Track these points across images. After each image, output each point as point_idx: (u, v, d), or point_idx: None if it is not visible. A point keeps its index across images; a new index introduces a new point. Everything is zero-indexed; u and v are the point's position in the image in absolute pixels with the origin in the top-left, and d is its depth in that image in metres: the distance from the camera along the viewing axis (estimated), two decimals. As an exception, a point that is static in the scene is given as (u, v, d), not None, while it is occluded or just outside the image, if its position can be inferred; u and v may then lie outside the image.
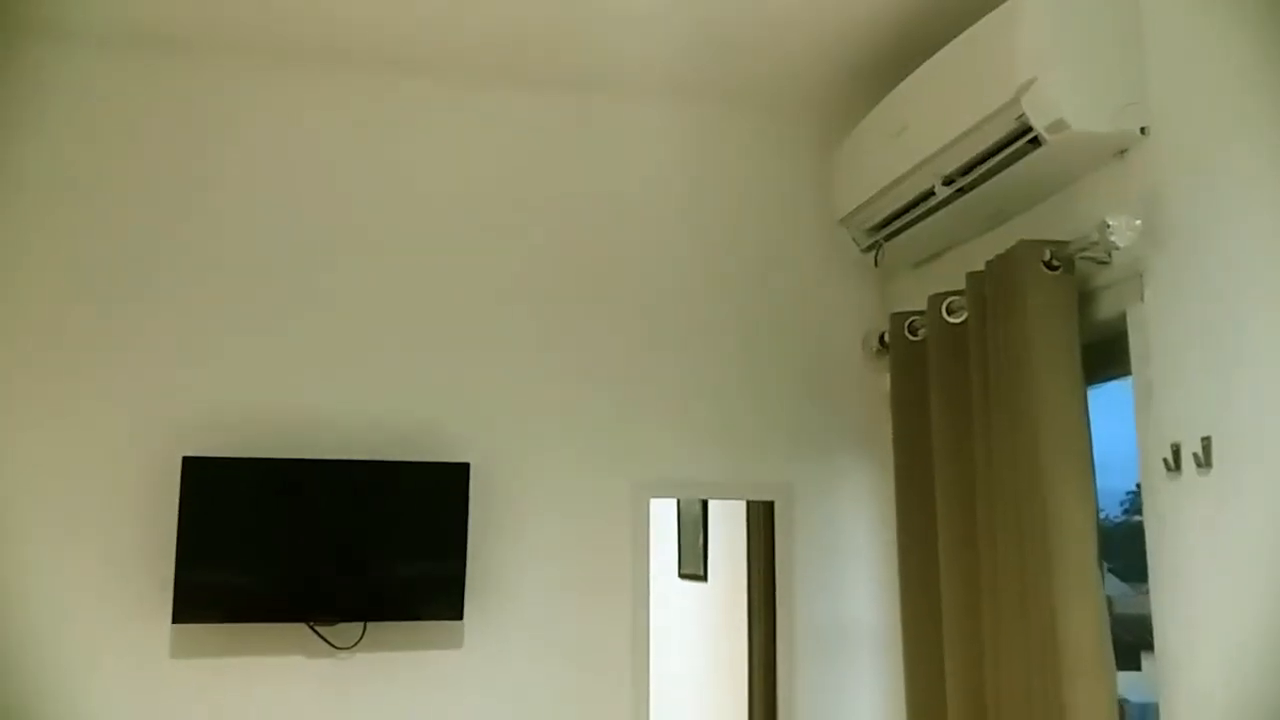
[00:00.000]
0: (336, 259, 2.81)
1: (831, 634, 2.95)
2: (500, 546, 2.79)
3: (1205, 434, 1.92)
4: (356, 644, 2.65)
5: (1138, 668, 2.48)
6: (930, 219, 2.57)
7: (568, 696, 2.77)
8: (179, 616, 2.50)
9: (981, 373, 2.37)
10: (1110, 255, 2.14)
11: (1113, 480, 2.24)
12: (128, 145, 2.72)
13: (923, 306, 2.64)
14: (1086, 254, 2.14)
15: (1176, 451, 1.99)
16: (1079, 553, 2.07)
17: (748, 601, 3.10)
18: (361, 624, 2.64)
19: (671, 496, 2.97)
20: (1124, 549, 2.34)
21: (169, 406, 2.65)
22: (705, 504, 3.40)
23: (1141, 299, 2.09)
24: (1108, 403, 2.26)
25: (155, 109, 2.75)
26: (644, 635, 2.83)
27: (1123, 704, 2.12)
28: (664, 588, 2.95)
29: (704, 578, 3.47)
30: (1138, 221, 2.01)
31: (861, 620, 2.96)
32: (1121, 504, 2.70)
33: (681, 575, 3.51)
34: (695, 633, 3.43)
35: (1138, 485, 2.39)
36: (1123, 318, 2.15)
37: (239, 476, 2.57)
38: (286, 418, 2.71)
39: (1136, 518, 2.39)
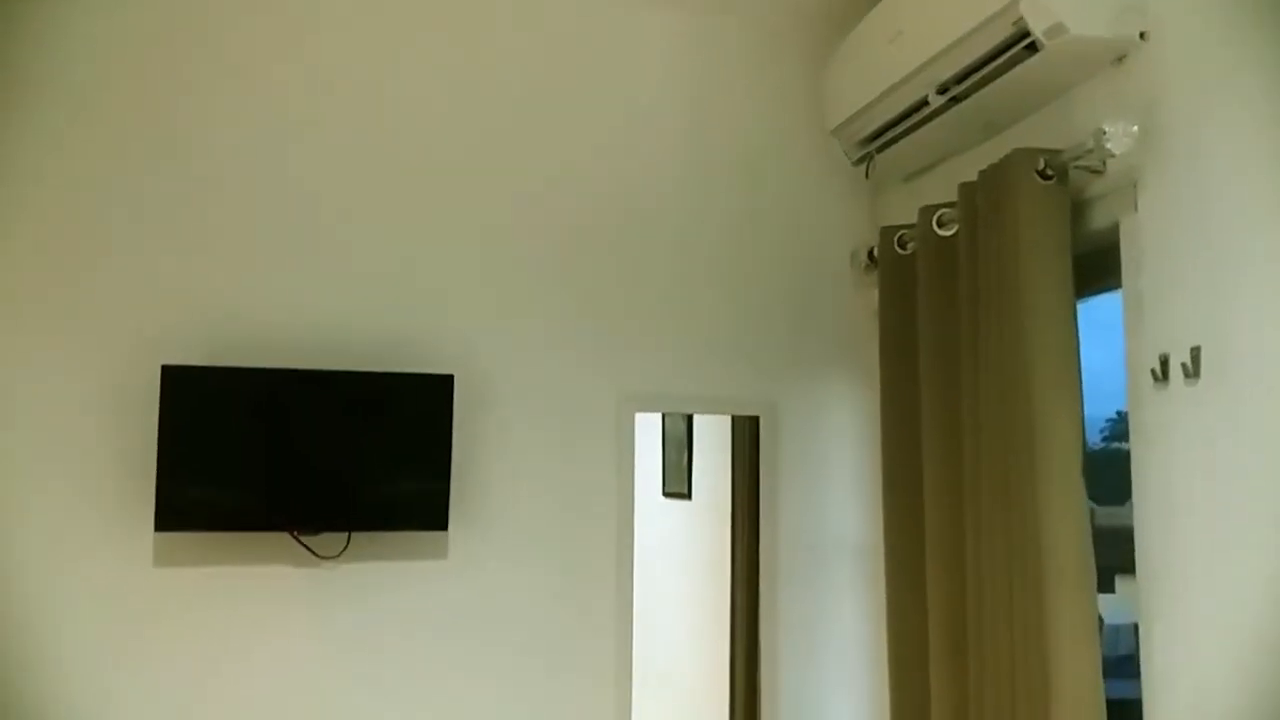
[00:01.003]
0: (322, 168, 2.75)
1: (814, 549, 2.96)
2: (485, 458, 2.78)
3: (1194, 344, 1.91)
4: (341, 554, 2.65)
5: (1111, 590, 2.50)
6: (923, 129, 2.53)
7: (552, 607, 2.78)
8: (161, 525, 2.49)
9: (971, 285, 2.35)
10: (1105, 164, 2.11)
11: (1093, 407, 2.24)
12: (111, 50, 2.64)
13: (913, 221, 2.61)
14: (1081, 163, 2.11)
15: (1164, 362, 1.98)
16: (1064, 464, 2.07)
17: (731, 518, 3.11)
18: (346, 534, 2.64)
19: (657, 411, 2.96)
20: (1103, 475, 2.34)
21: (149, 314, 2.61)
22: (689, 423, 3.40)
23: (1135, 208, 2.06)
24: (1089, 324, 2.24)
25: (143, 11, 2.66)
26: (628, 547, 2.84)
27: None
28: (648, 506, 2.96)
29: (687, 496, 3.47)
30: (1135, 128, 1.98)
31: (844, 535, 2.98)
32: (1101, 431, 2.71)
33: (665, 494, 3.51)
34: (679, 550, 3.44)
35: (1118, 412, 2.40)
36: (1114, 229, 2.13)
37: (219, 385, 2.54)
38: (269, 328, 2.67)
39: (1115, 444, 2.40)
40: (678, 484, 3.50)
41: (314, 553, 2.63)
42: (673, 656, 3.27)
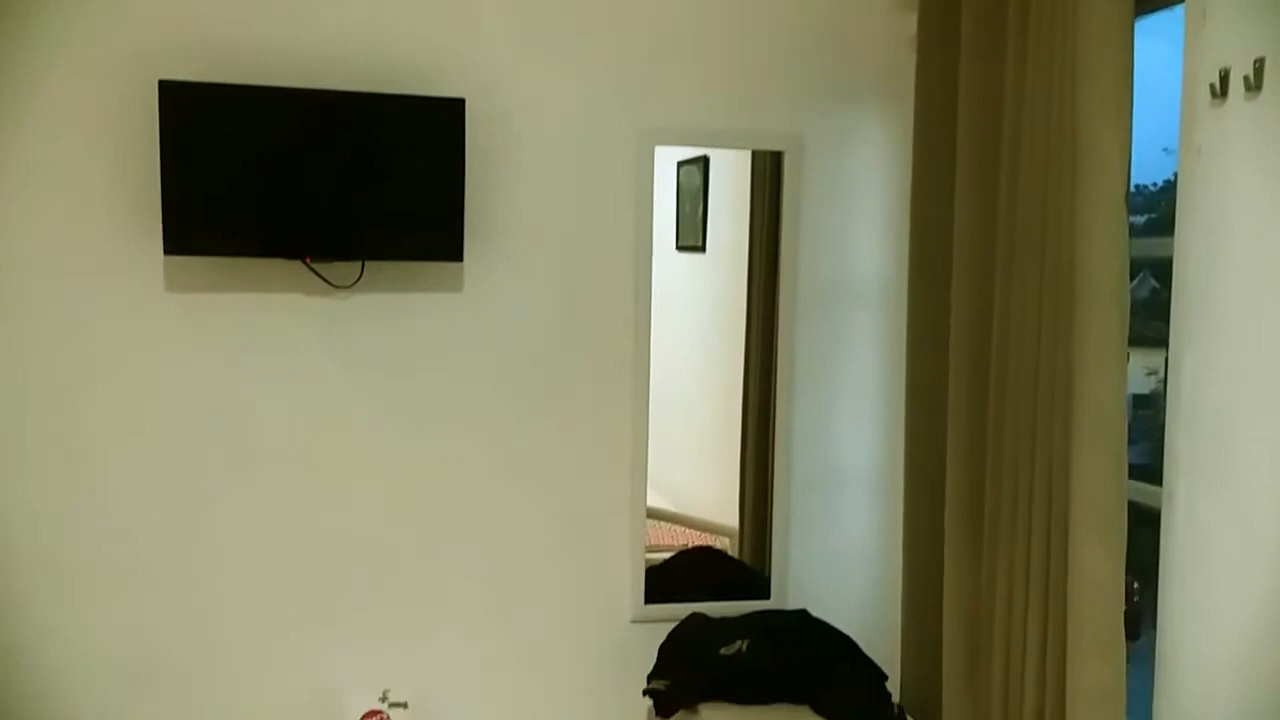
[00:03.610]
0: None
1: (835, 290, 2.92)
2: (502, 190, 2.69)
3: (1259, 55, 1.79)
4: (355, 283, 2.61)
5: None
6: None
7: (569, 345, 2.77)
8: (170, 248, 2.43)
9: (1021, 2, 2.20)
10: None
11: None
12: None
13: (960, -66, 2.42)
14: None
15: (1224, 78, 1.87)
16: (1109, 185, 1.98)
17: (747, 268, 3.05)
18: (359, 263, 2.58)
19: (678, 144, 2.84)
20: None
21: (146, 29, 2.46)
22: (705, 173, 3.29)
23: (1209, -96, 1.90)
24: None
25: None
26: (647, 281, 2.81)
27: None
28: (661, 259, 2.89)
29: (702, 249, 3.41)
30: None
31: (867, 275, 2.92)
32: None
33: (679, 248, 3.44)
34: (692, 303, 3.40)
35: (1136, 186, 2.30)
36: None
37: (220, 103, 2.42)
38: (273, 45, 2.53)
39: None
40: (692, 237, 3.42)
41: (327, 281, 2.59)
42: (687, 396, 3.29)
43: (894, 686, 2.80)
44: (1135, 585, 2.29)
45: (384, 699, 2.60)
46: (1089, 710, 1.97)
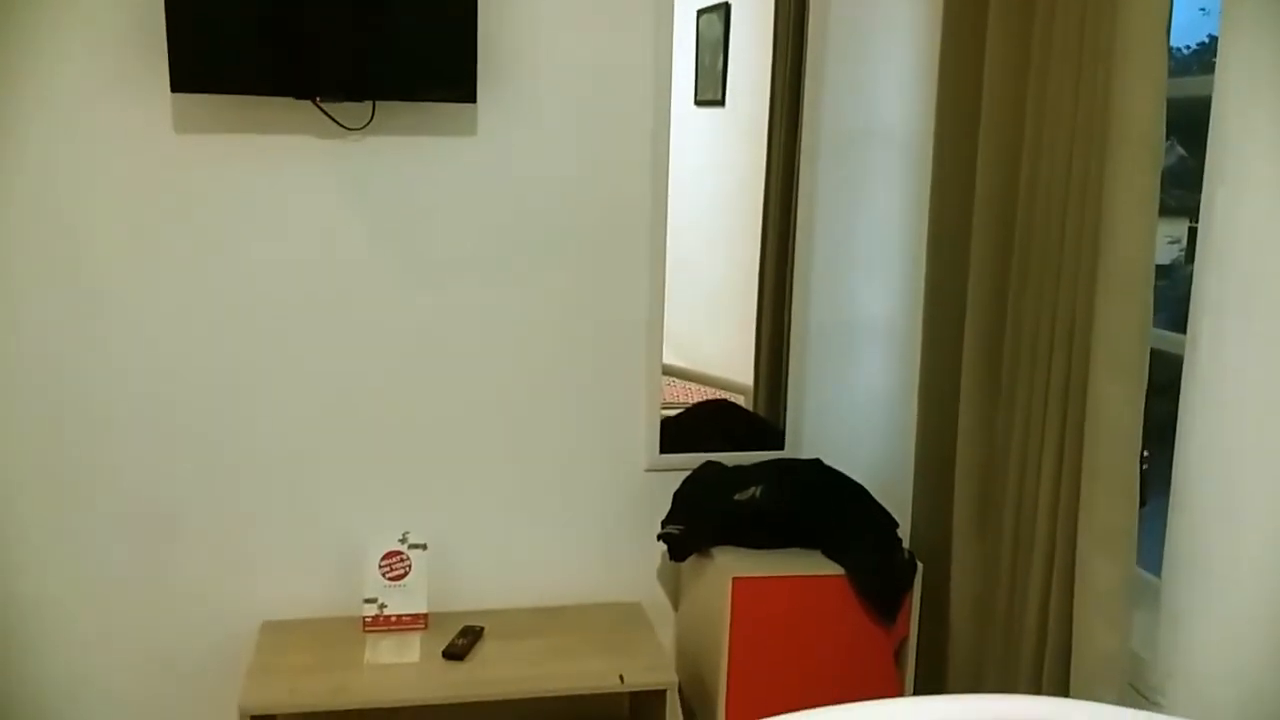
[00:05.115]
0: None
1: (857, 139, 2.85)
2: (514, 25, 2.61)
3: None
4: (366, 125, 2.55)
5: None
6: None
7: (583, 193, 2.72)
8: (177, 85, 2.37)
9: None
10: None
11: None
12: None
13: None
14: None
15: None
16: (1149, 15, 1.90)
17: (768, 122, 2.97)
18: (370, 104, 2.53)
19: (699, -18, 2.74)
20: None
21: None
22: (727, 21, 3.18)
23: None
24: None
25: None
26: (665, 131, 2.75)
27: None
28: (680, 115, 2.82)
29: (721, 103, 3.32)
30: None
31: (890, 124, 2.85)
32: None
33: (698, 103, 3.35)
34: (710, 159, 3.33)
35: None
36: None
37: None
38: None
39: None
40: (711, 91, 3.32)
41: (338, 123, 2.54)
42: (703, 253, 3.26)
43: (904, 534, 2.84)
44: (1146, 453, 2.28)
45: (404, 540, 2.65)
46: (1100, 549, 1.98)
